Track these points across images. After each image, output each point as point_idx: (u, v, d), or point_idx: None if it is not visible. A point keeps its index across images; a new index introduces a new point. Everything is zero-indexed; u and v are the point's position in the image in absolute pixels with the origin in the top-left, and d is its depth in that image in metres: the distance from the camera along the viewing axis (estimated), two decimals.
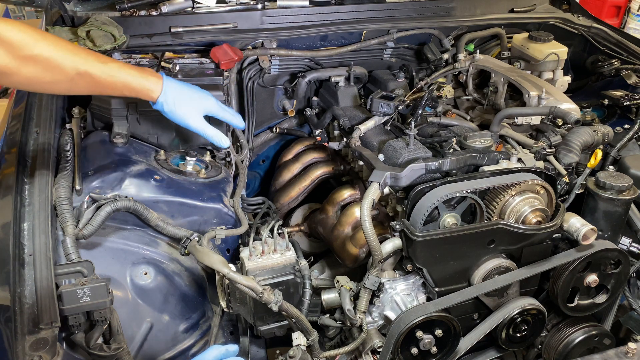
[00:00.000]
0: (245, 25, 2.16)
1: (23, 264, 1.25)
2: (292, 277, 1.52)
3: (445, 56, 2.27)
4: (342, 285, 1.60)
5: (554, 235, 1.55)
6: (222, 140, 1.56)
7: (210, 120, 1.58)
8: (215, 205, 1.62)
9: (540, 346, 1.67)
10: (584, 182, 1.63)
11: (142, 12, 2.10)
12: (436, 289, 1.49)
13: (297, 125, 2.34)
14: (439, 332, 1.44)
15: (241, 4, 2.23)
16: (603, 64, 2.34)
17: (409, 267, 1.52)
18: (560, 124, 1.85)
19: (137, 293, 1.46)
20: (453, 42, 2.36)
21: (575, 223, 1.50)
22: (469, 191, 1.43)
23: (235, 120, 1.62)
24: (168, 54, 2.00)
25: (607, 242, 1.55)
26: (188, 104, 1.47)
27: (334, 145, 1.99)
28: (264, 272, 1.52)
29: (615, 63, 2.30)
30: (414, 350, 1.44)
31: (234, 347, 1.18)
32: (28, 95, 1.76)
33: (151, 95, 1.43)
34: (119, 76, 1.35)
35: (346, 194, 1.99)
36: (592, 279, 1.54)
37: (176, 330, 1.50)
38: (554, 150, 1.71)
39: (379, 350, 1.50)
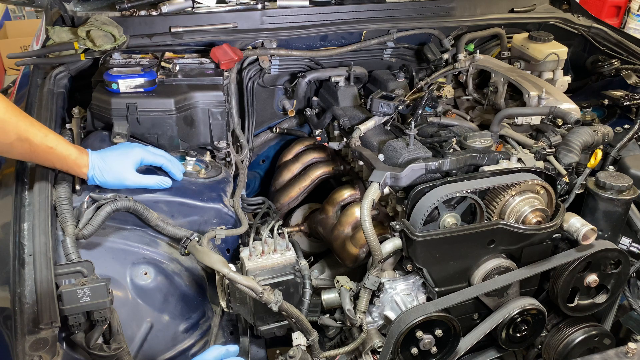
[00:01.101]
0: (245, 25, 2.16)
1: (23, 264, 1.25)
2: (292, 277, 1.52)
3: (445, 56, 2.27)
4: (342, 285, 1.60)
5: (554, 235, 1.55)
6: (164, 183, 1.56)
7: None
8: (215, 205, 1.62)
9: (540, 346, 1.67)
10: (584, 182, 1.63)
11: (142, 12, 2.10)
12: (436, 289, 1.49)
13: (297, 125, 2.35)
14: (439, 332, 1.44)
15: (241, 4, 2.24)
16: (603, 64, 2.34)
17: (409, 267, 1.52)
18: (560, 124, 1.85)
19: (137, 293, 1.46)
20: (453, 42, 2.36)
21: (575, 223, 1.50)
22: (469, 191, 1.43)
23: (171, 165, 1.59)
24: (168, 54, 2.00)
25: (607, 242, 1.55)
26: (114, 168, 1.48)
27: (334, 145, 1.99)
28: (264, 272, 1.51)
29: (615, 63, 2.31)
30: (414, 350, 1.44)
31: (234, 348, 1.18)
32: (28, 96, 1.76)
33: (81, 172, 1.45)
34: (57, 150, 1.38)
35: (346, 194, 1.99)
36: (592, 279, 1.54)
37: (176, 330, 1.50)
38: (554, 150, 1.71)
39: (379, 350, 1.50)
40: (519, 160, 1.61)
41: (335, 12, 2.27)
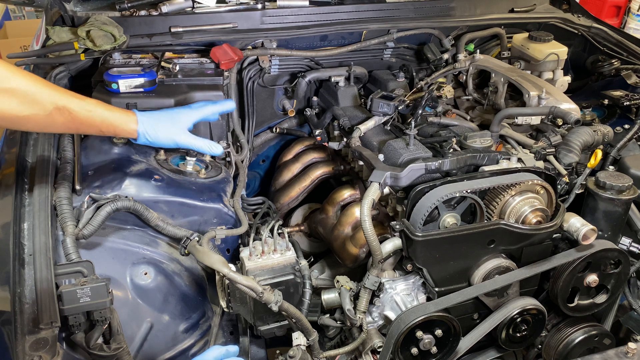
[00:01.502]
0: (245, 25, 2.16)
1: (23, 264, 1.25)
2: (292, 277, 1.52)
3: (445, 56, 2.27)
4: (342, 285, 1.60)
5: (554, 235, 1.55)
6: (214, 148, 1.53)
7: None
8: (215, 205, 1.62)
9: (540, 346, 1.67)
10: (584, 182, 1.63)
11: (142, 12, 2.10)
12: (436, 289, 1.49)
13: (297, 125, 2.35)
14: (439, 332, 1.44)
15: (241, 4, 2.24)
16: (603, 64, 2.34)
17: (409, 267, 1.52)
18: (560, 124, 1.85)
19: (137, 293, 1.46)
20: (453, 42, 2.36)
21: (575, 223, 1.50)
22: (469, 191, 1.43)
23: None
24: (168, 54, 2.00)
25: (607, 242, 1.55)
26: (166, 125, 1.45)
27: (334, 145, 1.99)
28: (264, 272, 1.52)
29: (615, 63, 2.31)
30: (414, 350, 1.44)
31: (234, 348, 1.18)
32: None
33: (130, 128, 1.40)
34: (97, 112, 1.33)
35: (346, 194, 1.99)
36: (592, 279, 1.54)
37: (176, 330, 1.50)
38: (554, 150, 1.71)
39: (379, 350, 1.50)
40: (519, 160, 1.61)
41: (335, 12, 2.27)
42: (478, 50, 2.31)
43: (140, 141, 1.43)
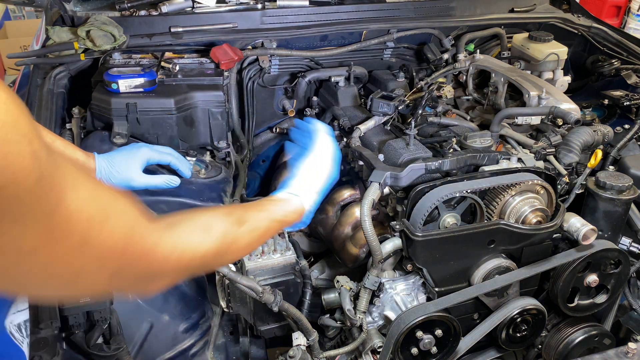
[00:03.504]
0: (245, 25, 2.16)
1: None
2: (292, 277, 1.52)
3: (445, 56, 2.27)
4: (342, 285, 1.60)
5: (554, 235, 1.54)
6: (171, 181, 1.54)
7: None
8: (215, 205, 1.62)
9: (540, 346, 1.67)
10: (584, 182, 1.63)
11: (142, 12, 2.10)
12: (436, 289, 1.49)
13: None
14: (439, 332, 1.44)
15: (241, 4, 2.24)
16: (603, 64, 2.34)
17: (409, 267, 1.52)
18: (560, 124, 1.85)
19: None
20: (453, 42, 2.36)
21: (575, 223, 1.50)
22: (469, 191, 1.43)
23: (179, 162, 1.57)
24: (168, 54, 2.00)
25: (607, 242, 1.54)
26: (121, 170, 1.45)
27: None
28: (264, 272, 1.51)
29: (615, 63, 2.30)
30: (414, 350, 1.44)
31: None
32: (28, 96, 1.76)
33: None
34: (65, 155, 1.34)
35: (346, 194, 1.99)
36: (592, 279, 1.54)
37: (176, 330, 1.50)
38: (554, 150, 1.71)
39: (379, 350, 1.50)
40: (519, 160, 1.61)
41: (335, 12, 2.27)
42: (478, 50, 2.31)
43: None
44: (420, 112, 1.78)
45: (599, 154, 1.60)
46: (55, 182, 0.56)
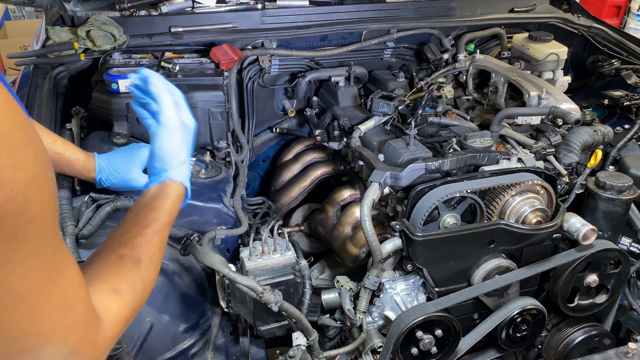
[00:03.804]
0: (245, 25, 2.16)
1: None
2: (292, 277, 1.52)
3: (445, 56, 2.27)
4: (342, 285, 1.60)
5: (554, 235, 1.54)
6: None
7: None
8: (215, 205, 1.62)
9: (540, 346, 1.67)
10: (584, 182, 1.63)
11: (142, 12, 2.10)
12: (436, 289, 1.49)
13: (297, 125, 2.34)
14: (439, 332, 1.44)
15: (241, 4, 2.24)
16: (603, 64, 2.34)
17: (409, 267, 1.52)
18: (560, 124, 1.85)
19: None
20: (453, 42, 2.36)
21: (576, 223, 1.50)
22: (469, 191, 1.43)
23: None
24: (168, 54, 2.00)
25: (607, 242, 1.54)
26: (121, 170, 1.46)
27: (334, 145, 1.99)
28: (264, 272, 1.51)
29: (615, 63, 2.30)
30: (414, 350, 1.44)
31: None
32: (28, 96, 1.76)
33: (91, 176, 1.44)
34: (65, 155, 1.37)
35: (346, 194, 1.99)
36: (592, 279, 1.54)
37: (176, 330, 1.50)
38: (554, 150, 1.71)
39: (379, 350, 1.50)
40: (519, 160, 1.61)
41: (335, 12, 2.27)
42: (478, 50, 2.31)
43: (99, 186, 1.45)
44: (420, 112, 1.78)
45: (599, 154, 1.60)
46: (57, 234, 0.60)
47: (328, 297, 1.63)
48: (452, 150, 1.63)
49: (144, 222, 0.99)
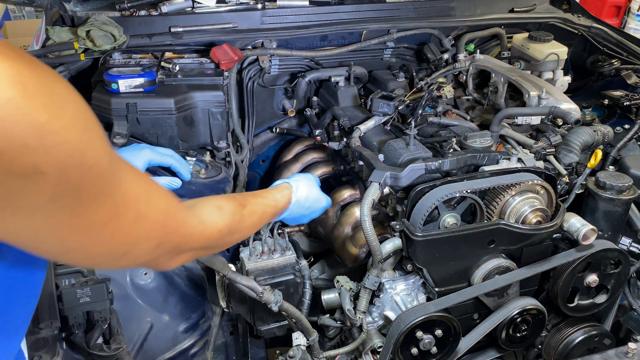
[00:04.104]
0: (245, 25, 2.16)
1: None
2: (292, 277, 1.52)
3: (445, 56, 2.27)
4: (342, 285, 1.60)
5: (554, 235, 1.54)
6: (173, 183, 1.55)
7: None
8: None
9: (540, 346, 1.67)
10: (584, 182, 1.63)
11: (142, 12, 2.10)
12: (436, 289, 1.49)
13: (297, 125, 2.34)
14: (439, 332, 1.44)
15: (241, 4, 2.24)
16: (603, 64, 2.34)
17: (409, 267, 1.52)
18: (560, 124, 1.84)
19: (137, 293, 1.46)
20: (453, 42, 2.36)
21: (575, 223, 1.50)
22: (469, 191, 1.43)
23: (179, 165, 1.57)
24: (168, 54, 2.00)
25: (607, 242, 1.54)
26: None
27: (334, 145, 1.99)
28: (264, 272, 1.51)
29: (615, 63, 2.30)
30: (414, 351, 1.44)
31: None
32: None
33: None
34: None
35: (346, 194, 1.99)
36: (592, 279, 1.54)
37: (176, 330, 1.50)
38: (554, 150, 1.71)
39: (379, 350, 1.50)
40: (519, 160, 1.61)
41: (335, 12, 2.27)
42: (478, 50, 2.31)
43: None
44: (420, 112, 1.78)
45: (599, 154, 1.60)
46: (115, 165, 0.68)
47: (328, 297, 1.63)
48: (452, 150, 1.62)
49: (257, 194, 1.26)
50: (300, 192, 1.37)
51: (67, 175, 0.58)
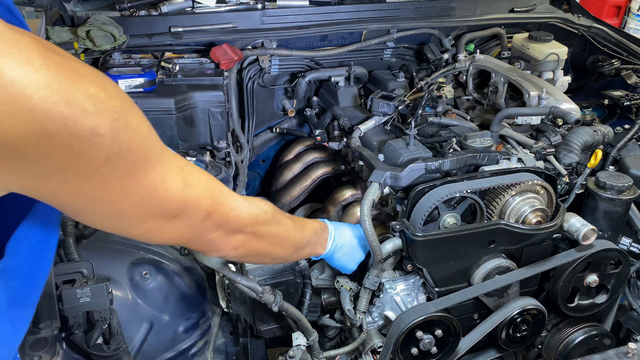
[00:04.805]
0: (245, 25, 2.16)
1: None
2: (292, 277, 1.52)
3: (445, 56, 2.27)
4: (342, 285, 1.60)
5: (554, 235, 1.54)
6: None
7: None
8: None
9: (540, 346, 1.67)
10: (584, 182, 1.63)
11: (142, 12, 2.10)
12: (436, 289, 1.49)
13: (297, 125, 2.35)
14: (439, 332, 1.44)
15: (241, 4, 2.24)
16: (603, 64, 2.34)
17: (409, 267, 1.52)
18: (560, 124, 1.84)
19: (137, 293, 1.46)
20: (453, 42, 2.36)
21: (576, 223, 1.50)
22: (469, 191, 1.43)
23: None
24: (168, 54, 2.00)
25: (607, 242, 1.54)
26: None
27: (334, 145, 1.99)
28: (264, 272, 1.51)
29: (615, 63, 2.30)
30: (414, 351, 1.44)
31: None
32: None
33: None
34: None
35: (348, 193, 1.99)
36: (592, 279, 1.54)
37: (176, 330, 1.50)
38: (554, 150, 1.71)
39: (379, 350, 1.50)
40: (519, 160, 1.61)
41: (335, 12, 2.27)
42: (478, 50, 2.31)
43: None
44: (420, 112, 1.78)
45: (599, 154, 1.60)
46: (155, 135, 0.77)
47: (328, 297, 1.63)
48: (452, 150, 1.62)
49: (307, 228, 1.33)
50: (337, 243, 1.43)
51: (118, 136, 0.67)
